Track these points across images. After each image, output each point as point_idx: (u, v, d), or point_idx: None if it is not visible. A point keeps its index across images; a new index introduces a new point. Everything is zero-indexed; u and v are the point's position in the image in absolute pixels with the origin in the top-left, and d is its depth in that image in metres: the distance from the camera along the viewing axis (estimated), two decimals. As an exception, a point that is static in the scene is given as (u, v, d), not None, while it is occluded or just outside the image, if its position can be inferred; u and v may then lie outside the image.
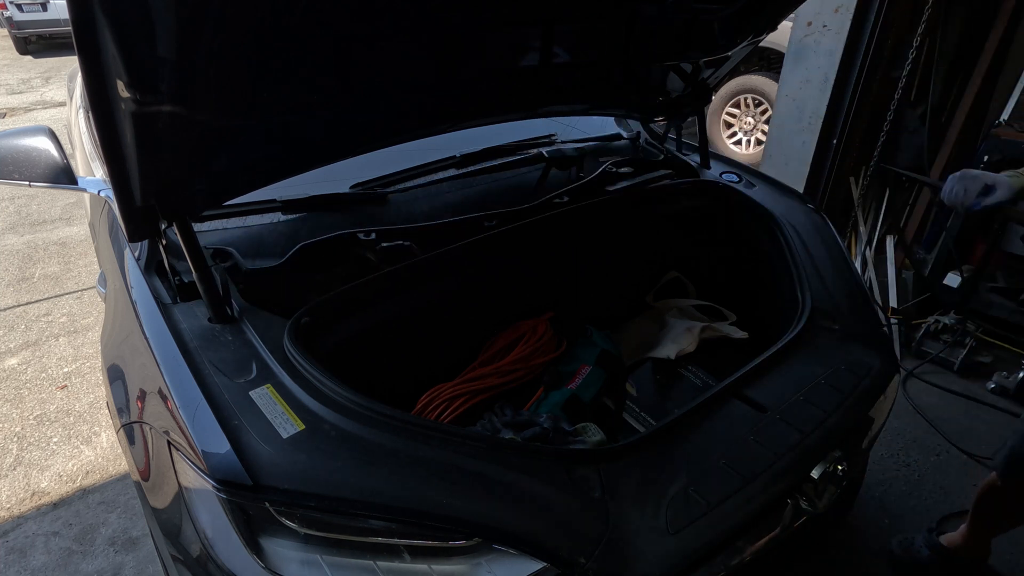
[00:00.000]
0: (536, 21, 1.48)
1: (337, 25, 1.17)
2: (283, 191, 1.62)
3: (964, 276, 2.86)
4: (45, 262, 3.72)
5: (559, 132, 2.31)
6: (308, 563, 0.94)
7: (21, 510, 2.10)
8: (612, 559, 0.95)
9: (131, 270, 1.39)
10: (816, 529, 1.27)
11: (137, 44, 0.87)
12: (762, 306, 1.89)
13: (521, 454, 1.05)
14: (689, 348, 1.75)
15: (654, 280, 2.14)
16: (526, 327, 1.69)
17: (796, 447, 1.16)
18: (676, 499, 1.04)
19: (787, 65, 3.12)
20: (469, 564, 0.95)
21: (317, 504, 0.93)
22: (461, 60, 1.46)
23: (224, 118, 1.16)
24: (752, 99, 4.87)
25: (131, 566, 1.91)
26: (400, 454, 1.00)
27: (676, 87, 2.11)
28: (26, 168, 1.45)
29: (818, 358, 1.38)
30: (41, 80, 8.22)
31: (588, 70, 1.81)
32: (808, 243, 1.72)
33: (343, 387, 1.07)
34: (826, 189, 3.18)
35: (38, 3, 8.92)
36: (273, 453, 0.97)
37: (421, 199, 1.86)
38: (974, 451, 2.29)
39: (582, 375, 1.59)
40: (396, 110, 1.54)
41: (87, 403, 2.60)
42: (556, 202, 1.84)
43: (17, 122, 6.47)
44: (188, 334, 1.19)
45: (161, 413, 1.11)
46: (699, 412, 1.21)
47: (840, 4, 2.81)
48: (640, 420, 1.62)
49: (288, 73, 1.19)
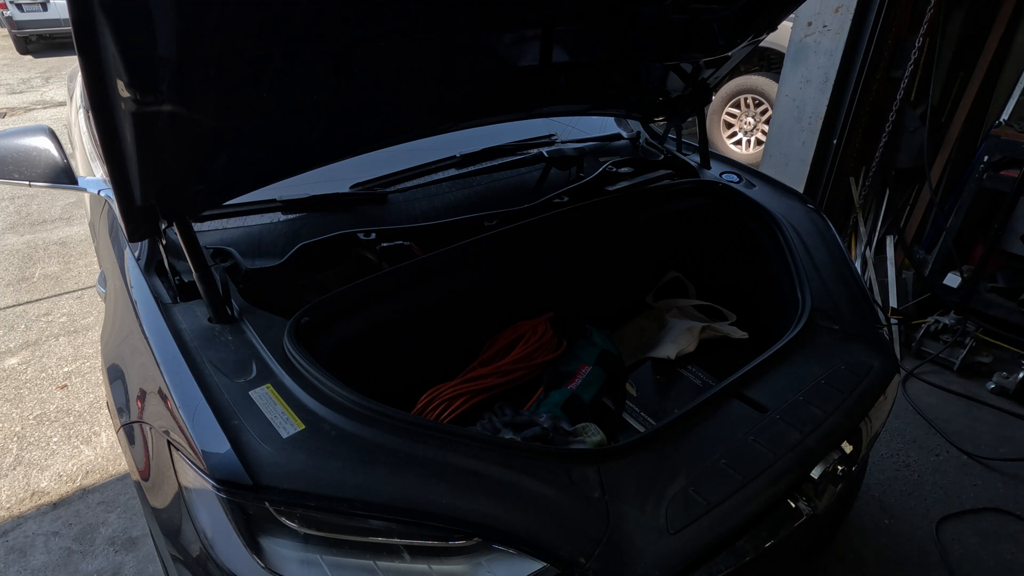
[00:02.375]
0: (536, 21, 1.48)
1: (337, 25, 1.17)
2: (283, 191, 1.62)
3: (964, 276, 2.86)
4: (45, 262, 3.72)
5: (559, 132, 2.31)
6: (308, 563, 0.94)
7: (21, 510, 2.10)
8: (612, 559, 0.95)
9: (131, 270, 1.39)
10: (816, 529, 1.27)
11: (137, 44, 0.87)
12: (762, 306, 1.89)
13: (521, 454, 1.05)
14: (689, 348, 1.75)
15: (654, 280, 2.14)
16: (526, 327, 1.69)
17: (796, 447, 1.16)
18: (676, 499, 1.04)
19: (787, 65, 3.12)
20: (469, 564, 0.95)
21: (317, 504, 0.93)
22: (461, 60, 1.46)
23: (224, 118, 1.16)
24: (752, 99, 4.87)
25: (131, 566, 1.91)
26: (400, 454, 1.00)
27: (676, 87, 2.11)
28: (26, 168, 1.45)
29: (818, 358, 1.38)
30: (41, 80, 8.22)
31: (588, 70, 1.81)
32: (808, 243, 1.72)
33: (343, 387, 1.07)
34: (826, 189, 3.18)
35: (38, 3, 8.93)
36: (273, 453, 0.97)
37: (421, 199, 1.86)
38: (974, 451, 2.29)
39: (582, 375, 1.59)
40: (396, 110, 1.54)
41: (87, 403, 2.60)
42: (556, 202, 1.84)
43: (17, 122, 6.47)
44: (188, 334, 1.19)
45: (161, 413, 1.11)
46: (699, 412, 1.21)
47: (840, 4, 2.81)
48: (640, 420, 1.62)
49: (288, 73, 1.19)
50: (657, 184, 1.99)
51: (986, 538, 2.00)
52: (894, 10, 2.77)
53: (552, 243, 1.75)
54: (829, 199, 3.19)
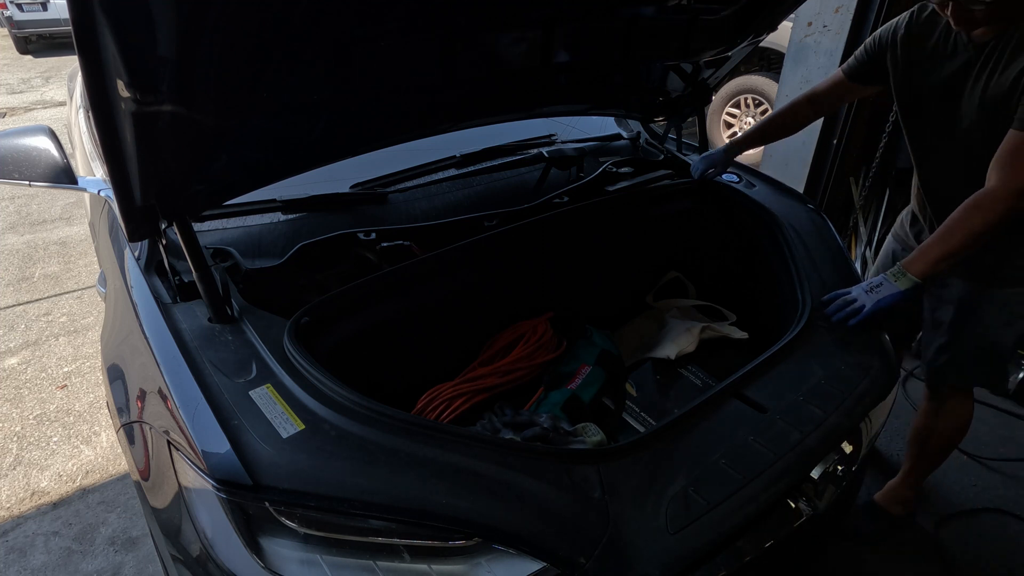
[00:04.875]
0: (536, 22, 1.48)
1: (337, 25, 1.17)
2: (283, 191, 1.62)
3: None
4: (45, 262, 3.72)
5: (559, 132, 2.32)
6: (308, 563, 0.94)
7: (21, 510, 2.10)
8: (612, 559, 0.95)
9: (131, 270, 1.39)
10: (816, 529, 1.27)
11: (137, 44, 0.87)
12: (762, 306, 1.89)
13: (521, 454, 1.05)
14: (689, 348, 1.75)
15: (654, 280, 2.14)
16: (526, 327, 1.69)
17: (796, 447, 1.16)
18: (676, 499, 1.04)
19: (787, 65, 3.12)
20: (469, 564, 0.95)
21: (317, 504, 0.93)
22: (461, 60, 1.46)
23: (224, 118, 1.16)
24: (752, 99, 4.87)
25: (131, 566, 1.91)
26: (400, 454, 1.00)
27: (676, 87, 2.11)
28: (26, 168, 1.45)
29: (818, 358, 1.38)
30: (41, 80, 8.23)
31: (588, 70, 1.81)
32: (808, 243, 1.72)
33: (343, 387, 1.07)
34: (826, 189, 3.18)
35: (38, 3, 8.92)
36: (273, 453, 0.97)
37: (421, 199, 1.86)
38: (974, 451, 2.29)
39: (582, 375, 1.59)
40: (396, 110, 1.54)
41: (87, 403, 2.60)
42: (556, 202, 1.84)
43: (17, 122, 6.48)
44: (188, 334, 1.19)
45: (161, 413, 1.11)
46: (699, 412, 1.21)
47: (840, 4, 2.81)
48: (640, 420, 1.62)
49: (288, 73, 1.19)
50: (657, 184, 2.00)
51: (986, 538, 2.00)
52: (894, 10, 2.76)
53: (552, 243, 1.75)
54: (829, 199, 3.19)
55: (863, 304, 1.44)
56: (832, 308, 1.48)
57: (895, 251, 1.87)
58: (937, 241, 1.41)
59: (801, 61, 3.04)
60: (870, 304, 1.43)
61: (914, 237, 1.76)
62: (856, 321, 1.43)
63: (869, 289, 1.45)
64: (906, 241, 1.80)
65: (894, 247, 1.88)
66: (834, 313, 1.46)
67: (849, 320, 1.44)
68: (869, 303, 1.43)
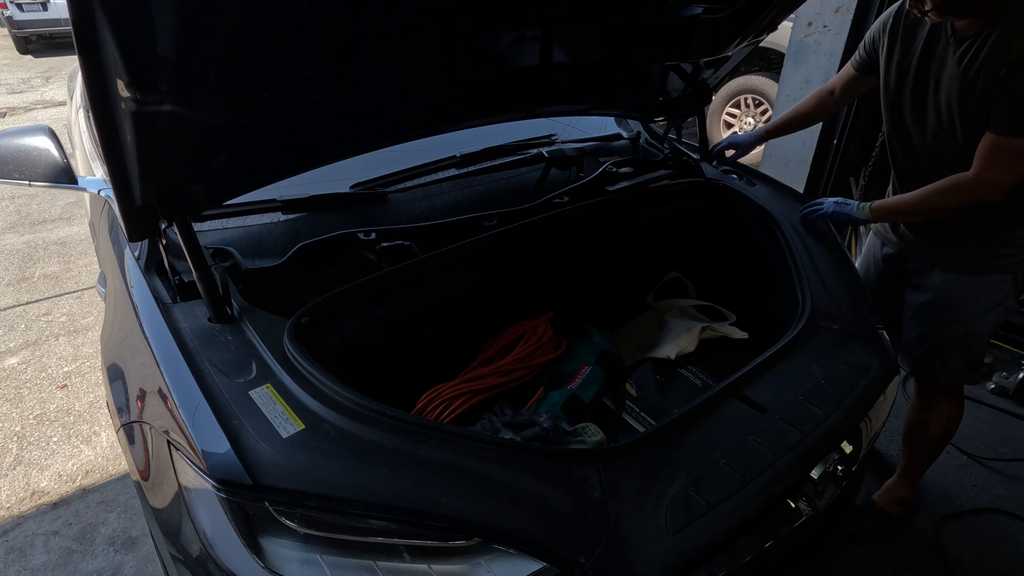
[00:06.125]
0: (536, 22, 1.48)
1: (337, 25, 1.17)
2: (283, 191, 1.62)
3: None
4: (45, 262, 3.72)
5: (559, 132, 2.32)
6: (308, 563, 0.93)
7: (21, 510, 2.10)
8: (612, 559, 0.95)
9: (131, 270, 1.39)
10: (816, 529, 1.27)
11: (137, 44, 0.87)
12: (762, 306, 1.89)
13: (521, 454, 1.05)
14: (689, 348, 1.75)
15: (654, 280, 2.14)
16: (526, 327, 1.69)
17: (796, 447, 1.16)
18: (676, 499, 1.04)
19: (787, 65, 3.12)
20: (469, 564, 0.95)
21: (317, 504, 0.93)
22: (462, 60, 1.46)
23: (224, 118, 1.16)
24: (752, 99, 4.87)
25: (131, 565, 1.91)
26: (400, 454, 1.00)
27: (676, 87, 2.11)
28: (26, 167, 1.45)
29: (818, 358, 1.38)
30: (41, 79, 8.23)
31: (588, 70, 1.81)
32: (808, 243, 1.72)
33: (343, 387, 1.07)
34: (826, 189, 3.18)
35: (38, 2, 8.93)
36: (273, 453, 0.97)
37: (421, 199, 1.86)
38: (974, 451, 2.29)
39: (582, 375, 1.59)
40: (396, 110, 1.54)
41: (87, 403, 2.60)
42: (556, 202, 1.84)
43: (17, 121, 6.48)
44: (188, 334, 1.19)
45: (161, 413, 1.11)
46: (699, 412, 1.21)
47: (840, 4, 2.81)
48: (640, 420, 1.62)
49: (288, 73, 1.19)
50: (657, 184, 1.99)
51: (986, 538, 2.00)
52: (894, 10, 2.76)
53: (552, 243, 1.75)
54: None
55: (828, 209, 1.72)
56: (804, 207, 1.80)
57: (874, 248, 1.92)
58: (906, 201, 1.59)
59: (801, 61, 3.04)
60: (831, 210, 1.71)
61: (891, 228, 1.81)
62: (812, 213, 1.75)
63: (837, 203, 1.72)
64: (885, 235, 1.85)
65: (874, 243, 1.93)
66: (804, 210, 1.79)
67: (812, 214, 1.75)
68: (831, 209, 1.71)
